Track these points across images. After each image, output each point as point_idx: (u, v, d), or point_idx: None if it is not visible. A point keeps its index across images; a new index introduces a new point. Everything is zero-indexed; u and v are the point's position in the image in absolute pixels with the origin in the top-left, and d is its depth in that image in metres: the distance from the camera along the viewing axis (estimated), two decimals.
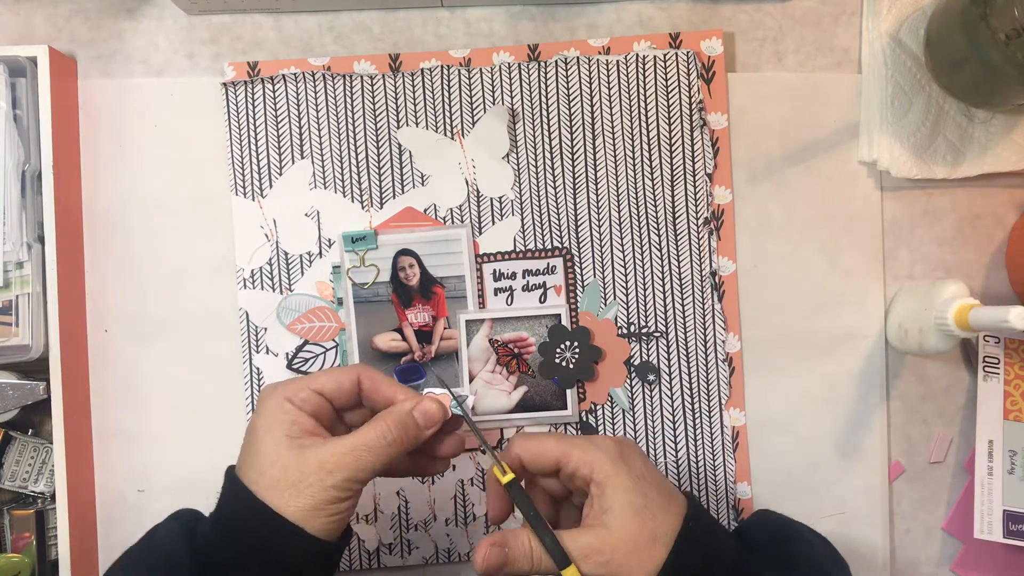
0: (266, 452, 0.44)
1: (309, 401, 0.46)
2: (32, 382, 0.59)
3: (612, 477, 0.45)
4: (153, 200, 0.63)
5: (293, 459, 0.44)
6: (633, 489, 0.45)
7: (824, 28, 0.64)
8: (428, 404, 0.47)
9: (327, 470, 0.43)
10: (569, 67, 0.63)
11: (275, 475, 0.44)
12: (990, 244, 0.64)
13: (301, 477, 0.43)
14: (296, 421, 0.45)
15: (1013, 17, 0.52)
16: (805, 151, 0.64)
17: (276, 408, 0.46)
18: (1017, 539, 0.61)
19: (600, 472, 0.45)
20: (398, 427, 0.46)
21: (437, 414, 0.47)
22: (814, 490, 0.64)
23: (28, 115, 0.59)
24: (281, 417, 0.45)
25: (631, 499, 0.45)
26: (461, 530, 0.63)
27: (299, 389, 0.46)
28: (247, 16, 0.64)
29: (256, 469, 0.44)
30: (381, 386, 0.48)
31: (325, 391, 0.47)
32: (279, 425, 0.45)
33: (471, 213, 0.63)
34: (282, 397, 0.46)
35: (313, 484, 0.43)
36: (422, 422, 0.47)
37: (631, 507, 0.45)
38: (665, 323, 0.63)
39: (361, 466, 0.44)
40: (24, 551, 0.60)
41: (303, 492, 0.43)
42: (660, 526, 0.45)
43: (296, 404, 0.46)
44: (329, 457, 0.44)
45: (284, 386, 0.47)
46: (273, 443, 0.44)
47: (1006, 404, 0.62)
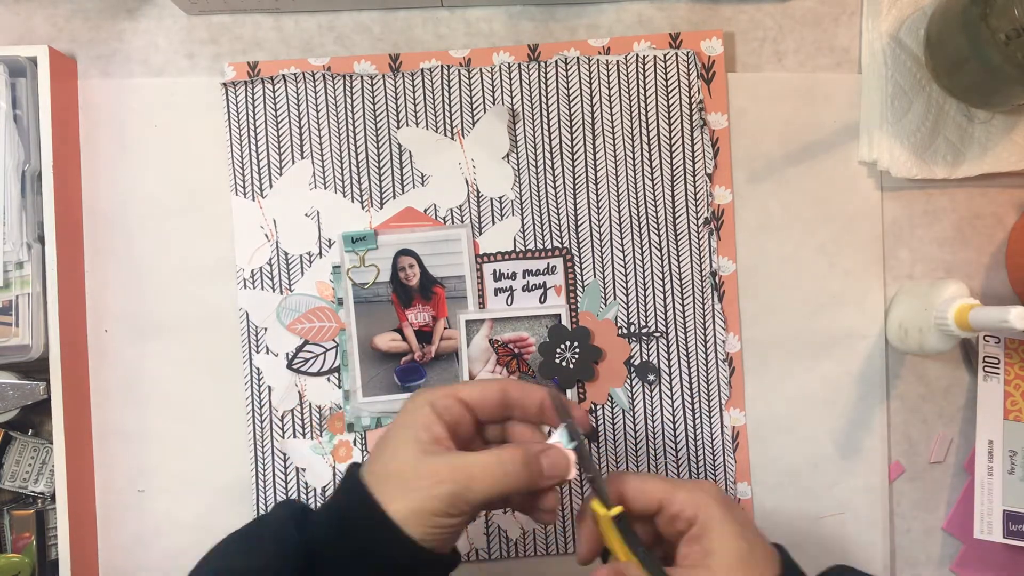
0: (392, 449, 0.44)
1: (450, 409, 0.46)
2: (32, 382, 0.59)
3: (719, 520, 0.44)
4: (153, 200, 0.63)
5: (412, 460, 0.44)
6: (739, 535, 0.44)
7: (824, 28, 0.64)
8: (558, 455, 0.45)
9: (438, 479, 0.43)
10: (569, 67, 0.63)
11: (391, 470, 0.44)
12: (990, 244, 0.64)
13: (413, 478, 0.43)
14: (429, 427, 0.45)
15: (1013, 17, 0.52)
16: (805, 151, 0.64)
17: (415, 410, 0.45)
18: (1017, 539, 0.61)
19: (706, 513, 0.44)
20: (519, 462, 0.44)
21: (565, 469, 0.45)
22: (814, 490, 0.64)
23: (28, 115, 0.59)
24: (417, 420, 0.45)
25: (738, 545, 0.43)
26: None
27: (443, 396, 0.46)
28: (247, 16, 0.64)
29: (378, 463, 0.45)
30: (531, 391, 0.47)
31: (470, 400, 0.46)
32: (412, 427, 0.45)
33: (471, 213, 0.63)
34: (423, 400, 0.46)
35: (421, 488, 0.43)
36: (547, 470, 0.45)
37: (737, 553, 0.43)
38: (665, 323, 0.63)
39: (471, 485, 0.43)
40: (24, 551, 0.60)
41: (409, 493, 0.43)
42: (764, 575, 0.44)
43: (436, 410, 0.45)
44: (443, 467, 0.43)
45: (430, 391, 0.46)
46: (402, 442, 0.44)
47: (1006, 404, 0.62)
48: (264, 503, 0.62)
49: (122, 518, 0.63)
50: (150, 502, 0.63)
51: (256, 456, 0.63)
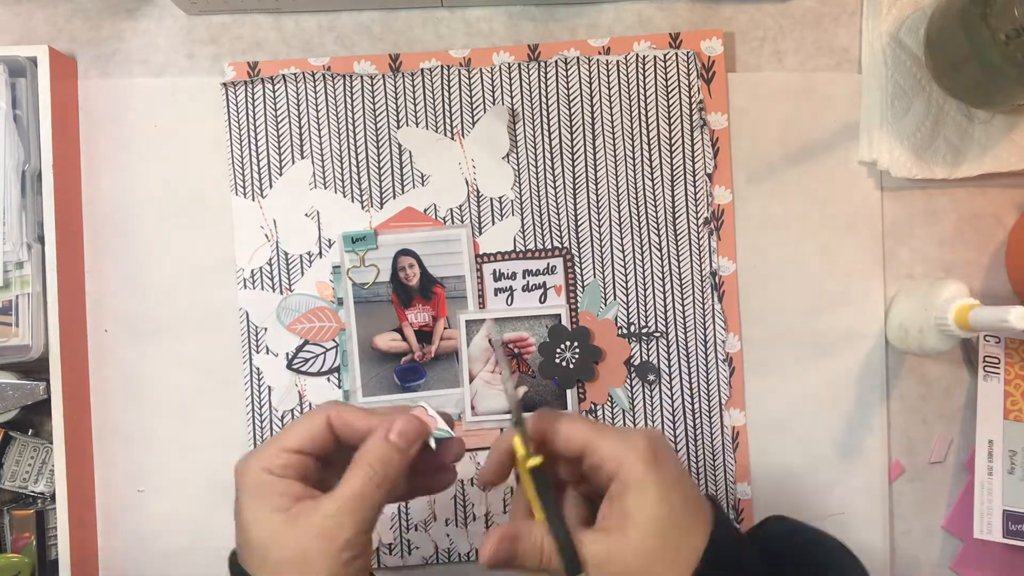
0: (260, 534, 0.41)
1: (289, 466, 0.43)
2: (32, 382, 0.59)
3: (639, 480, 0.41)
4: (153, 200, 0.63)
5: (290, 535, 0.41)
6: (660, 499, 0.41)
7: (824, 28, 0.64)
8: (400, 423, 0.43)
9: (328, 537, 0.40)
10: (569, 67, 0.63)
11: (278, 558, 0.41)
12: (990, 244, 0.64)
13: (304, 554, 0.40)
14: (283, 492, 0.42)
15: (1013, 17, 0.52)
16: (805, 151, 0.64)
17: (256, 483, 0.42)
18: (1017, 539, 0.61)
19: (625, 471, 0.41)
20: (381, 463, 0.42)
21: (412, 428, 0.44)
22: (814, 490, 0.64)
23: (28, 115, 0.59)
24: (265, 492, 0.42)
25: (656, 509, 0.41)
26: (461, 530, 0.63)
27: (274, 456, 0.43)
28: (247, 16, 0.64)
29: (257, 555, 0.41)
30: (353, 421, 0.44)
31: (301, 447, 0.43)
32: (264, 501, 0.42)
33: (471, 213, 0.63)
34: (259, 470, 0.42)
35: (320, 557, 0.40)
36: (402, 443, 0.43)
37: (655, 518, 0.40)
38: (665, 323, 0.63)
39: (361, 518, 0.41)
40: (24, 551, 0.60)
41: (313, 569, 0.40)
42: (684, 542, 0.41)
43: (276, 473, 0.42)
44: (324, 522, 0.41)
45: (257, 457, 0.43)
46: (265, 523, 0.41)
47: (1006, 404, 0.62)
48: None
49: (122, 518, 0.63)
50: (150, 502, 0.63)
51: None
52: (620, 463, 0.42)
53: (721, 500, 0.63)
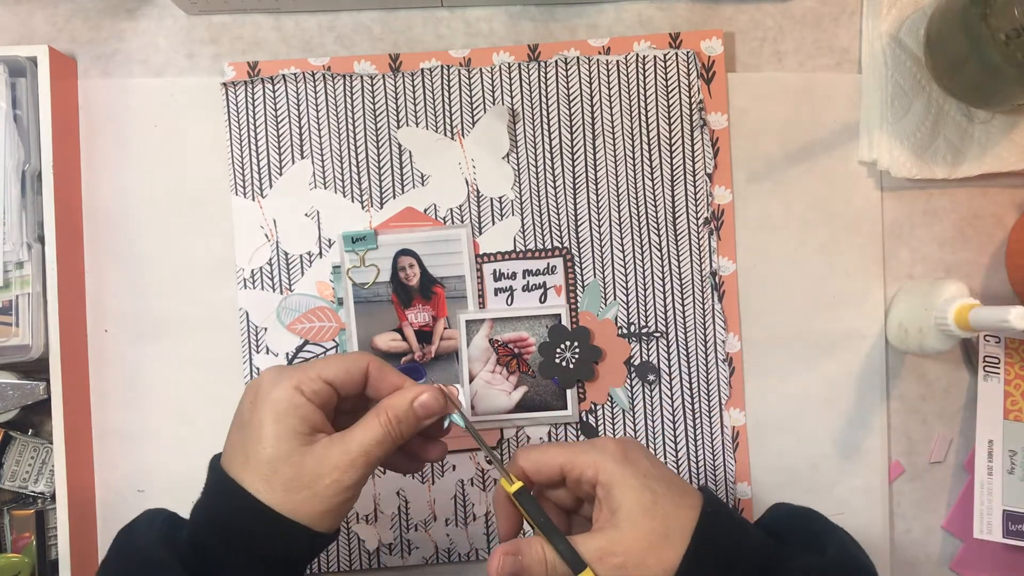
0: (275, 448, 0.42)
1: (320, 392, 0.44)
2: (32, 382, 0.59)
3: (617, 477, 0.44)
4: (153, 200, 0.63)
5: (307, 459, 0.42)
6: (640, 487, 0.44)
7: (824, 28, 0.64)
8: (428, 394, 0.46)
9: (342, 470, 0.42)
10: (569, 67, 0.63)
11: (288, 475, 0.42)
12: (990, 244, 0.64)
13: (316, 479, 0.42)
14: (306, 416, 0.43)
15: (1013, 17, 0.52)
16: (805, 151, 0.64)
17: (286, 399, 0.43)
18: (1017, 539, 0.61)
19: (604, 473, 0.45)
20: (399, 421, 0.45)
21: (435, 405, 0.46)
22: (814, 490, 0.64)
23: (28, 115, 0.59)
24: (292, 410, 0.43)
25: (639, 497, 0.44)
26: (461, 530, 0.63)
27: (311, 379, 0.44)
28: (247, 16, 0.64)
29: (264, 467, 0.42)
30: (389, 375, 0.47)
31: (335, 381, 0.45)
32: (289, 419, 0.43)
33: (471, 213, 0.63)
34: (291, 386, 0.43)
35: (330, 486, 0.42)
36: (421, 413, 0.46)
37: (640, 505, 0.44)
38: (665, 323, 0.63)
39: (371, 462, 0.43)
40: (24, 551, 0.60)
41: (319, 495, 0.42)
42: (673, 522, 0.44)
43: (307, 395, 0.44)
44: (343, 457, 0.43)
45: (293, 373, 0.44)
46: (282, 438, 0.42)
47: (1006, 404, 0.62)
48: None
49: (122, 518, 0.62)
50: (150, 502, 0.63)
51: None
52: (597, 467, 0.45)
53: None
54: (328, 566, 0.63)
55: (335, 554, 0.63)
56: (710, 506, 0.45)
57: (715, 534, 0.44)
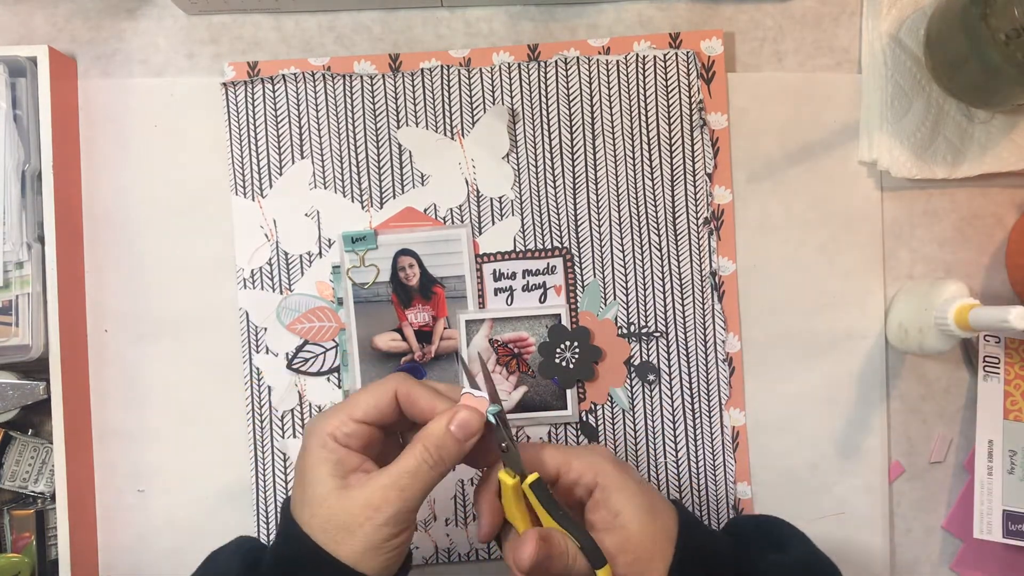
0: (314, 493, 0.43)
1: (353, 435, 0.45)
2: (32, 382, 0.59)
3: (618, 481, 0.46)
4: (153, 200, 0.63)
5: (339, 501, 0.43)
6: (638, 491, 0.46)
7: (824, 28, 0.64)
8: (463, 415, 0.45)
9: (374, 507, 0.42)
10: (569, 67, 0.63)
11: (325, 516, 0.43)
12: (990, 244, 0.64)
13: (350, 519, 0.42)
14: (340, 460, 0.44)
15: (1013, 17, 0.52)
16: (805, 151, 0.64)
17: (320, 447, 0.44)
18: (1016, 539, 0.61)
19: (604, 476, 0.46)
20: (438, 449, 0.44)
21: (474, 424, 0.45)
22: (814, 490, 0.64)
23: (28, 115, 0.59)
24: (325, 456, 0.44)
25: (640, 500, 0.46)
26: (461, 530, 0.63)
27: (342, 423, 0.45)
28: (247, 16, 0.64)
29: (308, 510, 0.44)
30: (419, 400, 0.46)
31: (367, 418, 0.45)
32: (323, 465, 0.44)
33: (471, 213, 0.63)
34: (325, 435, 0.44)
35: (364, 524, 0.42)
36: (461, 436, 0.45)
37: (641, 508, 0.46)
38: (665, 323, 0.63)
39: (408, 497, 0.43)
40: (24, 551, 0.60)
41: (355, 534, 0.42)
42: (666, 523, 0.46)
43: (340, 441, 0.44)
44: (373, 494, 0.43)
45: (327, 420, 0.45)
46: (320, 483, 0.43)
47: (1006, 404, 0.62)
48: (264, 503, 0.62)
49: (122, 518, 0.63)
50: (150, 502, 0.63)
51: (256, 456, 0.63)
52: (596, 472, 0.47)
53: (721, 500, 0.63)
54: None
55: None
56: (685, 515, 0.48)
57: (694, 540, 0.47)
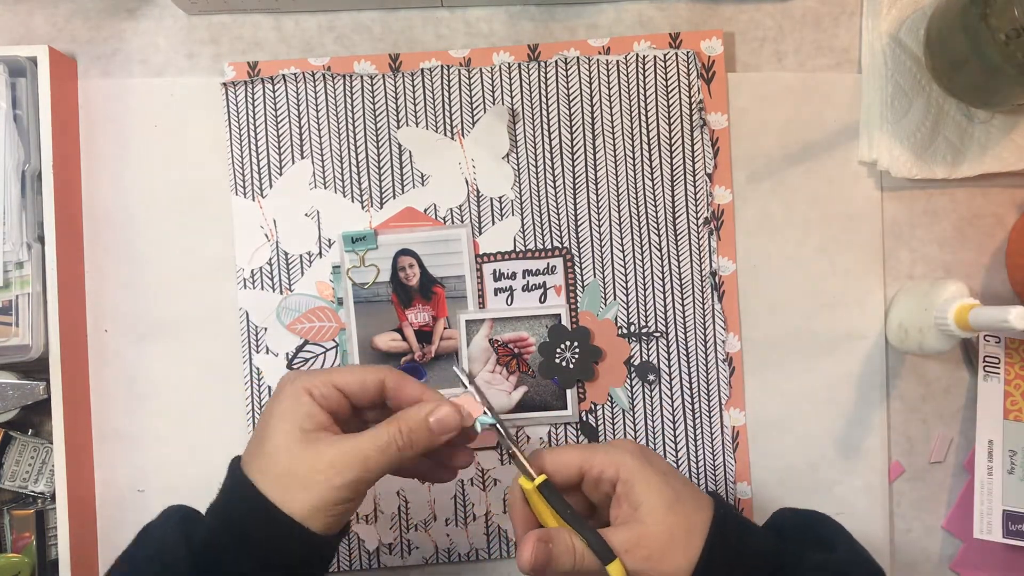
0: (276, 442, 0.44)
1: (329, 397, 0.45)
2: (32, 382, 0.59)
3: (638, 473, 0.45)
4: (153, 200, 0.63)
5: (303, 453, 0.43)
6: (662, 484, 0.45)
7: (824, 28, 0.64)
8: (445, 410, 0.46)
9: (336, 469, 0.43)
10: (569, 67, 0.63)
11: (284, 466, 0.43)
12: (990, 244, 0.64)
13: (310, 473, 0.43)
14: (312, 414, 0.44)
15: (1013, 17, 0.52)
16: (805, 151, 0.64)
17: (293, 399, 0.45)
18: (1017, 539, 0.61)
19: (626, 470, 0.46)
20: (411, 432, 0.45)
21: (452, 421, 0.46)
22: (814, 490, 0.64)
23: (28, 115, 0.59)
24: (297, 408, 0.44)
25: (661, 493, 0.45)
26: (461, 530, 0.63)
27: (321, 383, 0.45)
28: (247, 16, 0.64)
29: (264, 459, 0.44)
30: (407, 387, 0.47)
31: (347, 388, 0.46)
32: (293, 416, 0.44)
33: (471, 213, 0.63)
34: (301, 388, 0.45)
35: (321, 483, 0.42)
36: (436, 429, 0.45)
37: (663, 501, 0.45)
38: (665, 323, 0.63)
39: (370, 467, 0.43)
40: (24, 551, 0.60)
41: (310, 489, 0.42)
42: (693, 518, 0.45)
43: (315, 397, 0.45)
44: (339, 456, 0.43)
45: (305, 377, 0.46)
46: (285, 433, 0.44)
47: (1006, 404, 0.62)
48: None
49: (122, 518, 0.63)
50: (150, 502, 0.63)
51: None
52: (618, 466, 0.46)
53: None
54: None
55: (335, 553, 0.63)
56: (722, 508, 0.46)
57: (728, 534, 0.45)
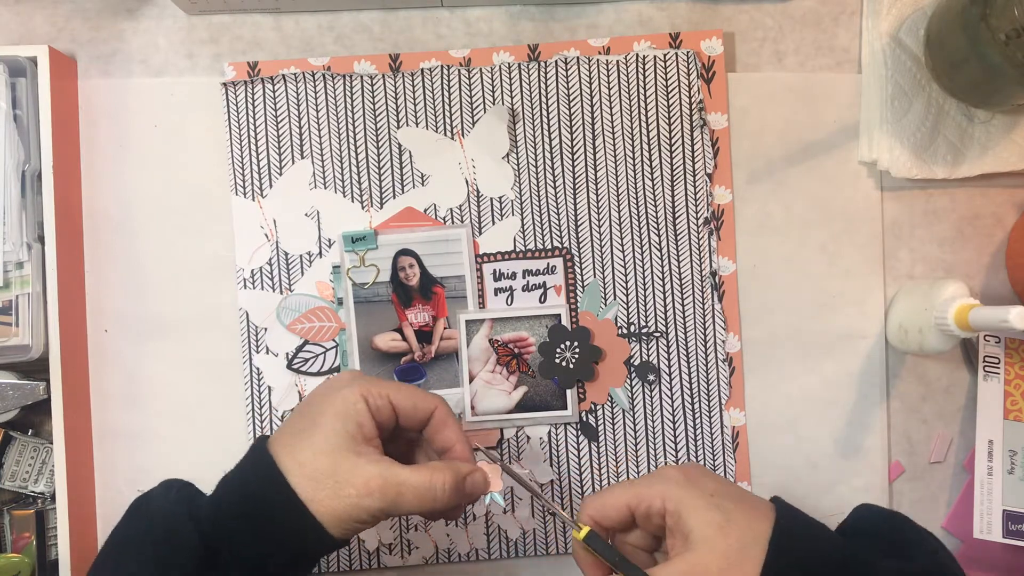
0: (321, 440, 0.43)
1: (383, 409, 0.45)
2: (32, 382, 0.59)
3: (683, 501, 0.44)
4: (153, 200, 0.63)
5: (344, 460, 0.43)
6: (708, 507, 0.44)
7: (824, 28, 0.64)
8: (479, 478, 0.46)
9: (369, 490, 0.43)
10: (569, 67, 0.63)
11: (322, 467, 0.43)
12: (990, 244, 0.64)
13: (343, 484, 0.43)
14: (363, 423, 0.44)
15: (1013, 17, 0.52)
16: (805, 151, 0.64)
17: (350, 401, 0.44)
18: (1016, 539, 0.61)
19: (671, 500, 0.44)
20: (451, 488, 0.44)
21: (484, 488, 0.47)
22: (814, 490, 0.64)
23: (28, 115, 0.59)
24: (351, 412, 0.44)
25: (709, 517, 0.43)
26: (461, 530, 0.63)
27: (378, 394, 0.45)
28: (247, 16, 0.64)
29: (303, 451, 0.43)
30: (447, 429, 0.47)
31: (399, 407, 0.46)
32: (346, 418, 0.44)
33: (471, 213, 0.63)
34: (359, 393, 0.45)
35: (352, 497, 0.42)
36: (470, 490, 0.46)
37: (711, 525, 0.43)
38: (665, 323, 0.63)
39: (400, 504, 0.43)
40: (24, 551, 0.60)
41: (339, 499, 0.42)
42: (748, 534, 0.43)
43: (370, 406, 0.45)
44: (377, 479, 0.43)
45: (366, 382, 0.46)
46: (334, 433, 0.43)
47: (1006, 404, 0.62)
48: None
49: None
50: None
51: None
52: (663, 496, 0.45)
53: None
54: (328, 566, 0.63)
55: (335, 554, 0.63)
56: (784, 515, 0.44)
57: (792, 542, 0.43)
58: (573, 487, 0.63)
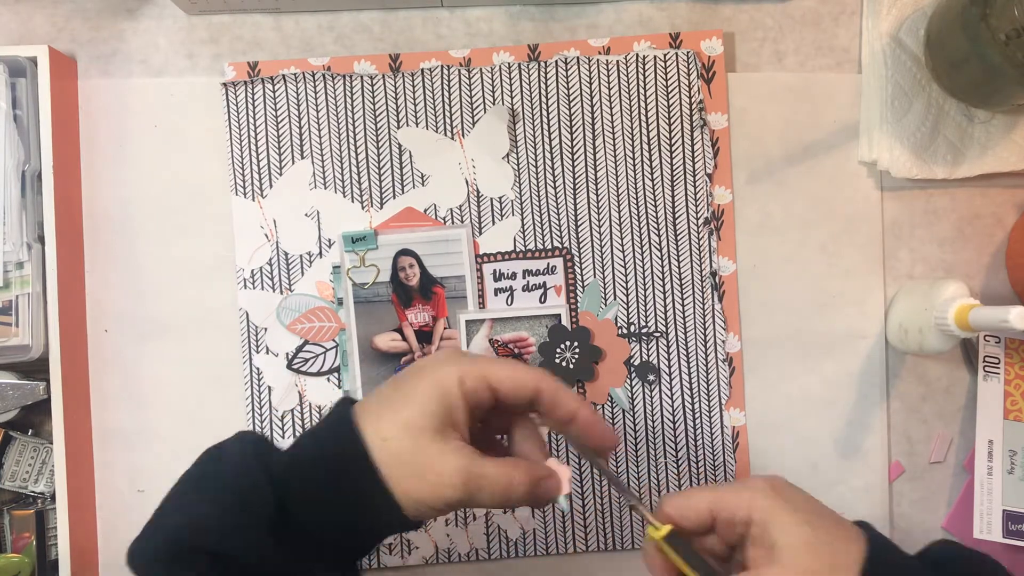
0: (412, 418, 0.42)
1: (478, 391, 0.43)
2: (32, 382, 0.59)
3: (772, 513, 0.42)
4: (153, 200, 0.63)
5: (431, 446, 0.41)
6: (798, 522, 0.42)
7: (824, 28, 0.64)
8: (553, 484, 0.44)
9: (449, 479, 0.41)
10: (569, 67, 0.63)
11: (407, 448, 0.41)
12: (990, 244, 0.64)
13: (426, 469, 0.41)
14: (455, 408, 0.42)
15: (1013, 17, 0.52)
16: (805, 151, 0.64)
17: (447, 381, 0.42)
18: (1016, 539, 0.61)
19: (758, 510, 0.42)
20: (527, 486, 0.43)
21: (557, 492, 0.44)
22: (814, 490, 0.62)
23: (28, 115, 0.59)
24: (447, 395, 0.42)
25: (799, 532, 0.41)
26: (461, 530, 0.63)
27: (476, 375, 0.43)
28: (247, 16, 0.64)
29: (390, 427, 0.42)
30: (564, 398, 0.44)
31: (500, 387, 0.43)
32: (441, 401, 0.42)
33: (471, 213, 0.63)
34: (457, 374, 0.42)
35: (432, 482, 0.41)
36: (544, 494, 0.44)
37: (801, 540, 0.41)
38: (665, 323, 0.63)
39: (477, 498, 0.42)
40: (24, 551, 0.60)
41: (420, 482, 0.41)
42: (840, 557, 0.41)
43: (465, 388, 0.42)
44: (459, 471, 0.41)
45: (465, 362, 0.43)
46: (429, 415, 0.42)
47: (1006, 404, 0.62)
48: None
49: (122, 518, 0.63)
50: (150, 502, 0.62)
51: None
52: (750, 506, 0.43)
53: None
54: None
55: None
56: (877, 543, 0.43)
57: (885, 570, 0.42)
58: (573, 487, 0.63)
